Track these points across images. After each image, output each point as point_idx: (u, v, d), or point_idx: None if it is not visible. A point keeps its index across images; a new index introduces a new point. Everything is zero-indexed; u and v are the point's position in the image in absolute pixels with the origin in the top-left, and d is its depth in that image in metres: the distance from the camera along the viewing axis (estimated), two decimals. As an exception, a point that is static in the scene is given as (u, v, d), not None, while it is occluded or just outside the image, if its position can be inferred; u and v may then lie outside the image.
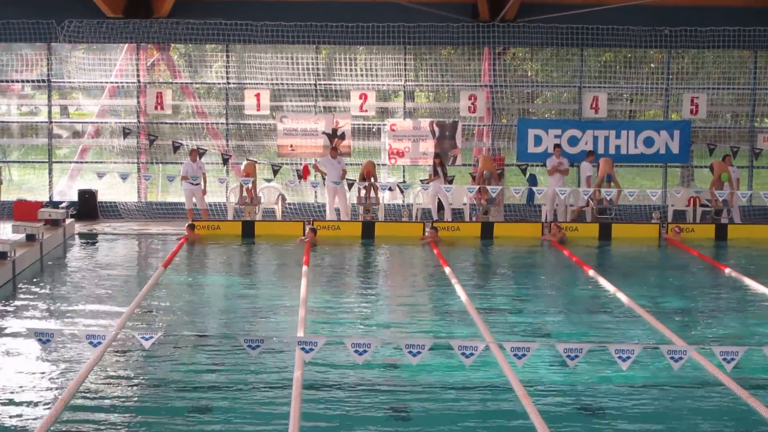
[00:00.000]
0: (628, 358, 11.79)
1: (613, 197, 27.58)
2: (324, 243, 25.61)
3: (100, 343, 13.52)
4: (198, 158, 27.69)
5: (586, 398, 13.42)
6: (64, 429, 12.04)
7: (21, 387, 13.89)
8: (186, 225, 26.22)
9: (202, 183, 27.70)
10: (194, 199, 27.67)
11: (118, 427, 12.31)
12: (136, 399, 13.50)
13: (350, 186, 27.79)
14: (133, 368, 14.77)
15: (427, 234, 26.01)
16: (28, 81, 29.87)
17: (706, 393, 13.49)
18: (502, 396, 13.23)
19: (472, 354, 11.97)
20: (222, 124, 29.77)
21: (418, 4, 28.13)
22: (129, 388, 13.91)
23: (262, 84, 29.30)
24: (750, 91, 30.08)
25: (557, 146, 28.64)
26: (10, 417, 12.49)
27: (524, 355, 12.14)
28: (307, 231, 25.89)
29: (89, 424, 12.28)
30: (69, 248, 25.12)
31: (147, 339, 12.62)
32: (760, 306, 19.06)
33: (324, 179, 28.15)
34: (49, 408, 12.59)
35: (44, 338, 14.22)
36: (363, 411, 12.87)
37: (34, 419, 12.27)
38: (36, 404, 12.99)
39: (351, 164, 28.75)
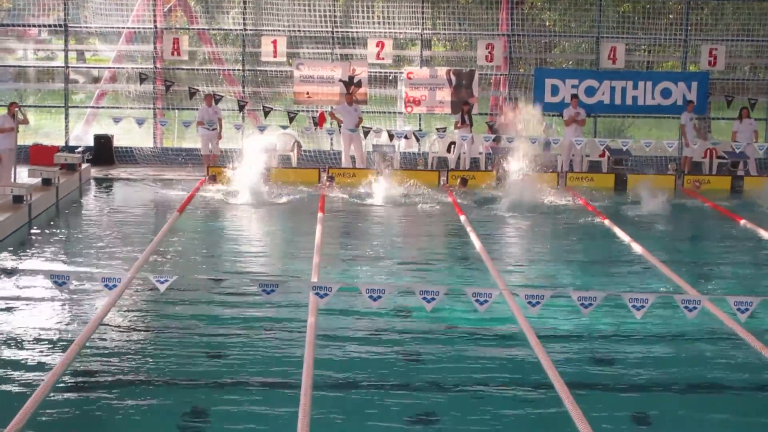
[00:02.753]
0: (642, 307, 11.75)
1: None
2: (340, 190, 25.59)
3: (115, 285, 13.53)
4: (214, 103, 27.65)
5: (598, 346, 13.44)
6: (81, 369, 12.10)
7: (38, 328, 13.95)
8: (207, 177, 26.37)
9: (219, 128, 27.70)
10: (210, 145, 27.69)
11: (133, 369, 12.37)
12: (150, 341, 13.57)
13: (366, 134, 27.72)
14: (148, 311, 14.82)
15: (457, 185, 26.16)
16: (44, 26, 29.81)
17: (719, 343, 13.49)
18: (514, 344, 13.27)
19: (486, 301, 11.94)
20: (238, 70, 29.74)
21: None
22: (144, 331, 13.99)
23: (278, 31, 29.22)
24: (769, 42, 29.96)
25: (574, 96, 28.52)
26: (28, 357, 12.56)
27: (538, 303, 12.11)
28: (324, 179, 25.92)
29: (105, 365, 12.36)
30: (85, 193, 25.16)
31: (162, 282, 12.61)
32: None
33: (340, 126, 28.14)
34: (65, 348, 12.65)
35: (60, 281, 14.24)
36: (375, 356, 12.93)
37: (51, 360, 12.35)
38: (53, 345, 13.06)
39: (367, 112, 28.66)
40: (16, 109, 23.81)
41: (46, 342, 13.23)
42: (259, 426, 10.57)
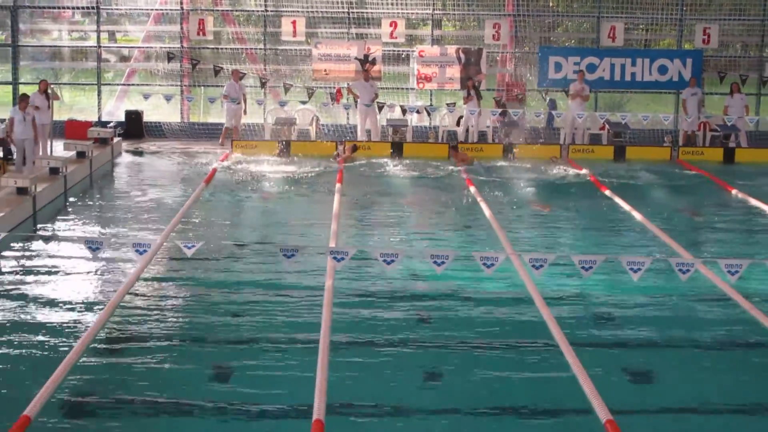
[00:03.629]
0: (639, 269, 11.78)
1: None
2: (357, 161, 25.65)
3: (146, 251, 13.59)
4: (239, 80, 27.75)
5: (598, 307, 13.47)
6: (115, 328, 12.17)
7: (74, 290, 14.04)
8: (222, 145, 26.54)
9: (243, 104, 27.78)
10: (233, 120, 27.77)
11: (162, 328, 12.44)
12: (178, 302, 13.63)
13: (380, 108, 27.73)
14: (176, 275, 14.88)
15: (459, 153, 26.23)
16: (78, 8, 29.84)
17: (711, 304, 13.51)
18: (516, 303, 13.32)
19: (492, 264, 11.97)
20: (260, 49, 29.70)
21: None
22: (172, 293, 14.05)
23: (298, 12, 29.19)
24: (760, 22, 29.83)
25: (581, 72, 28.47)
26: (66, 318, 12.64)
27: (542, 266, 12.15)
28: (342, 148, 25.96)
29: (137, 325, 12.43)
30: (116, 165, 25.21)
31: (189, 247, 12.68)
32: (765, 225, 19.01)
33: (356, 102, 28.17)
34: (101, 309, 12.73)
35: (94, 246, 14.31)
36: (389, 315, 12.98)
37: (87, 319, 12.43)
38: (89, 306, 13.14)
39: (381, 88, 28.63)
40: (50, 87, 23.90)
41: (82, 304, 13.32)
42: (278, 383, 10.62)
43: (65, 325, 12.35)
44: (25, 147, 21.15)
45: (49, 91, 23.99)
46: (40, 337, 11.90)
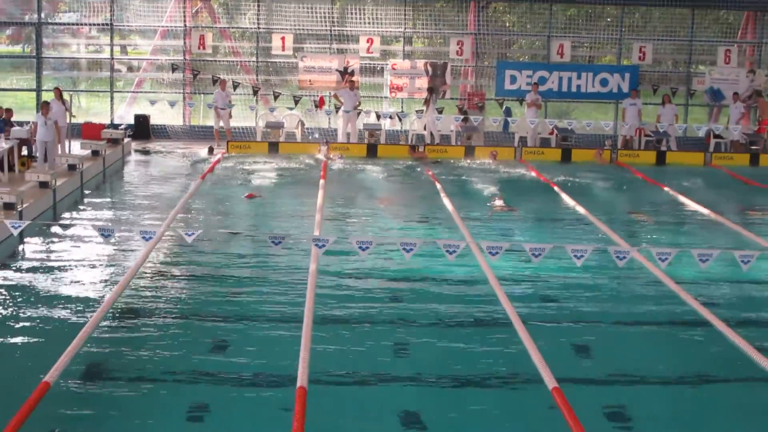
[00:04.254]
0: (582, 256, 11.82)
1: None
2: (337, 159, 25.64)
3: (151, 237, 13.60)
4: (225, 88, 27.77)
5: (546, 288, 13.52)
6: (125, 304, 12.15)
7: (89, 271, 14.02)
8: (209, 148, 26.64)
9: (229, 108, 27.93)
10: (221, 123, 27.82)
11: (166, 305, 12.44)
12: (180, 282, 13.62)
13: (357, 114, 27.74)
14: (178, 259, 14.86)
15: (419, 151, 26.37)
16: (94, 24, 29.67)
17: (644, 286, 13.59)
18: (475, 285, 13.35)
19: (454, 251, 12.01)
20: (253, 61, 29.69)
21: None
22: (174, 275, 14.02)
23: (286, 29, 29.19)
24: (688, 42, 29.94)
25: (535, 83, 28.57)
26: (82, 294, 12.62)
27: (497, 252, 12.18)
28: (325, 148, 25.99)
29: (144, 301, 12.42)
30: (126, 162, 25.12)
31: (189, 235, 12.65)
32: (691, 218, 19.11)
33: (337, 108, 28.19)
34: (113, 287, 12.72)
35: (106, 233, 14.28)
36: (364, 295, 13.01)
37: (101, 296, 12.41)
38: (103, 284, 13.13)
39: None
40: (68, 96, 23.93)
41: (96, 282, 13.31)
42: (269, 350, 10.65)
43: (81, 300, 12.33)
44: (46, 148, 21.15)
45: (65, 96, 23.96)
46: (59, 311, 11.89)
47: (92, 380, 9.75)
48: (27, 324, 11.52)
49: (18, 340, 10.96)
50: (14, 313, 11.95)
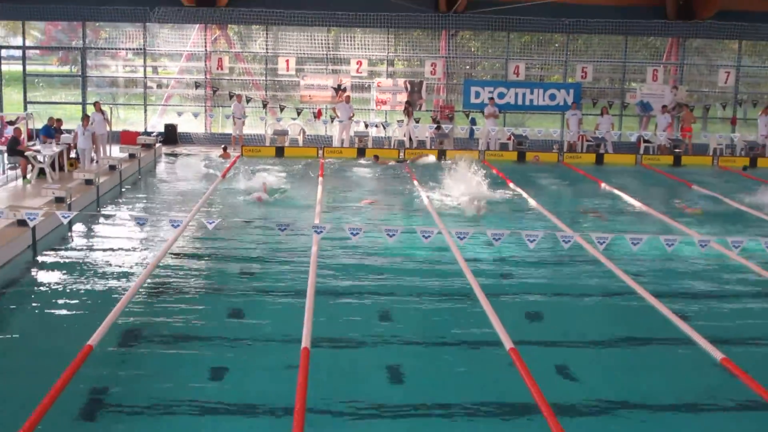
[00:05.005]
0: (534, 240, 11.87)
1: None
2: (332, 161, 25.62)
3: (178, 225, 13.57)
4: (241, 101, 27.80)
5: (504, 267, 13.58)
6: (155, 280, 12.14)
7: (127, 252, 14.01)
8: (223, 148, 26.74)
9: (244, 118, 27.97)
10: (238, 131, 27.83)
11: (191, 280, 12.45)
12: (203, 263, 13.64)
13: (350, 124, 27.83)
14: (201, 244, 14.85)
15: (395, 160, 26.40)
16: (130, 49, 29.57)
17: (584, 265, 13.65)
18: (446, 264, 13.39)
19: (429, 236, 12.04)
20: (262, 80, 29.62)
21: (400, 1, 27.90)
22: (198, 256, 14.04)
23: (290, 53, 29.15)
24: (622, 63, 30.02)
25: (491, 98, 28.59)
26: (120, 271, 12.61)
27: (464, 237, 12.23)
28: (321, 152, 26.02)
29: (172, 278, 12.41)
30: (158, 164, 25.05)
31: (210, 223, 12.64)
32: (626, 208, 19.20)
33: (332, 119, 28.27)
34: (147, 265, 12.71)
35: (141, 222, 14.27)
36: (356, 272, 13.03)
37: (136, 273, 12.41)
38: (138, 263, 13.12)
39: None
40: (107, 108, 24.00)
41: (132, 261, 13.29)
42: (278, 317, 10.68)
43: (120, 276, 12.33)
44: (85, 153, 21.20)
45: (105, 108, 23.97)
46: (101, 286, 11.90)
47: (128, 344, 9.76)
48: (74, 296, 11.52)
49: (65, 310, 10.96)
50: (63, 288, 11.95)
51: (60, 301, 11.33)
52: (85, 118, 21.58)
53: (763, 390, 8.48)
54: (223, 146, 26.99)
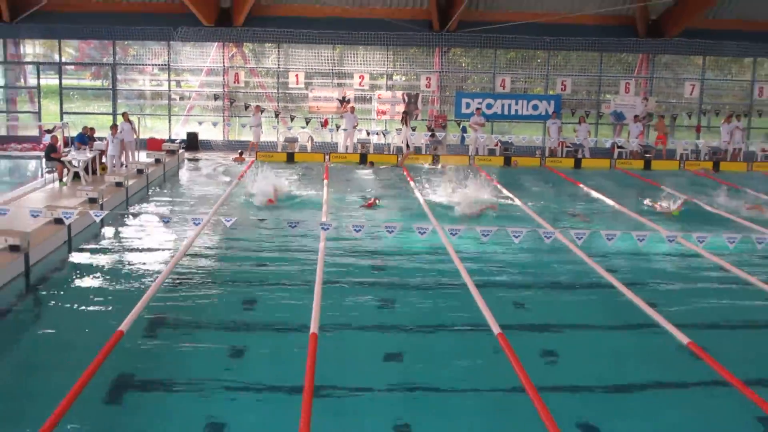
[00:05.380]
0: (519, 236, 11.89)
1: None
2: (337, 165, 25.62)
3: (199, 223, 13.60)
4: (259, 112, 27.81)
5: (492, 261, 13.56)
6: (178, 273, 12.15)
7: (153, 247, 14.02)
8: (240, 153, 26.76)
9: (261, 127, 27.89)
10: (255, 138, 27.85)
11: (211, 272, 12.46)
12: (221, 257, 13.62)
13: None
14: (219, 240, 14.85)
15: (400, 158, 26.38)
16: (155, 65, 29.51)
17: (563, 258, 13.64)
18: (439, 258, 13.40)
19: (425, 232, 12.05)
20: (275, 92, 29.60)
21: (396, 20, 27.88)
22: (217, 250, 14.04)
23: (299, 68, 29.13)
24: (597, 77, 29.99)
25: (478, 109, 28.60)
26: (148, 263, 12.62)
27: (456, 233, 12.24)
28: (327, 158, 26.00)
29: (194, 269, 12.42)
30: (181, 167, 25.01)
31: (228, 221, 12.65)
32: (601, 208, 19.19)
33: (337, 127, 28.28)
34: (170, 259, 12.72)
35: (166, 220, 14.28)
36: (359, 264, 13.05)
37: (162, 265, 12.42)
38: (163, 257, 13.12)
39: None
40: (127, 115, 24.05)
41: (159, 255, 13.31)
42: (289, 305, 10.70)
43: (147, 269, 12.36)
44: (113, 159, 21.28)
45: (133, 118, 24.01)
46: (130, 277, 11.93)
47: (155, 329, 9.78)
48: (106, 287, 11.55)
49: (98, 299, 10.98)
50: (95, 279, 11.97)
51: (93, 291, 11.36)
52: (113, 127, 21.58)
53: (724, 370, 8.51)
54: (239, 151, 27.01)
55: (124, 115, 23.93)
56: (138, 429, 7.17)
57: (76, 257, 13.39)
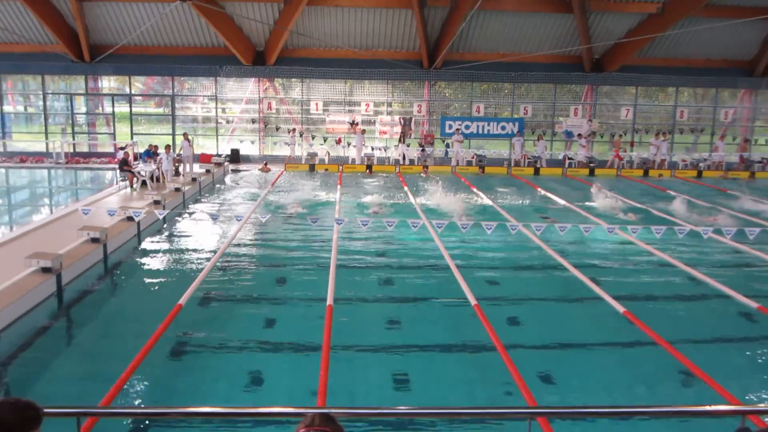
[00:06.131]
0: (491, 228, 11.89)
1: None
2: (349, 173, 25.58)
3: (241, 219, 13.58)
4: (294, 134, 27.83)
5: (469, 247, 13.55)
6: (224, 259, 12.16)
7: (205, 237, 14.00)
8: (265, 164, 26.49)
9: (294, 146, 27.92)
10: (290, 153, 27.85)
11: (250, 258, 12.44)
12: (257, 246, 13.62)
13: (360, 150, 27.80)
14: (256, 232, 14.86)
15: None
16: (205, 95, 29.49)
17: (528, 250, 13.62)
18: (428, 246, 13.39)
19: (417, 225, 12.05)
20: (300, 116, 29.55)
21: (394, 60, 27.83)
22: (254, 241, 14.02)
23: (318, 98, 29.07)
24: (552, 104, 29.92)
25: (458, 129, 28.58)
26: (202, 250, 12.61)
27: (441, 226, 12.23)
28: (341, 168, 25.89)
29: (237, 256, 12.42)
30: (226, 176, 24.99)
31: (264, 217, 12.66)
32: (554, 205, 19.16)
33: (348, 144, 28.24)
34: (218, 248, 12.72)
35: (214, 216, 14.27)
36: (365, 251, 13.04)
37: (212, 252, 12.41)
38: (213, 245, 13.12)
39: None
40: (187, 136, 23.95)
41: (209, 244, 13.31)
42: (310, 283, 10.70)
43: (200, 255, 12.35)
44: (167, 172, 21.20)
45: (189, 137, 23.99)
46: (187, 262, 11.93)
47: (206, 303, 9.79)
48: (168, 270, 11.56)
49: (162, 279, 11.00)
50: (159, 264, 11.98)
51: (158, 274, 11.38)
52: (167, 147, 21.48)
53: (653, 333, 8.52)
54: (264, 162, 26.92)
55: (184, 135, 23.83)
56: (194, 381, 7.21)
57: (143, 247, 13.41)
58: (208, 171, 23.12)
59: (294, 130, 28.04)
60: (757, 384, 7.43)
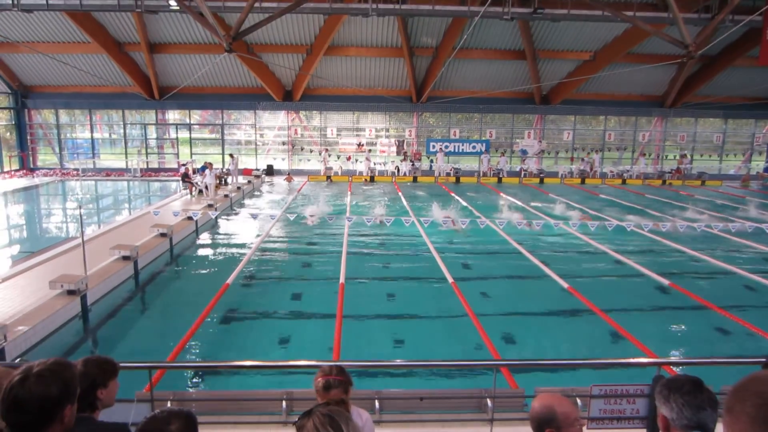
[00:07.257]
0: (465, 223, 11.81)
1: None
2: (359, 183, 25.44)
3: (274, 217, 13.49)
4: (326, 152, 27.66)
5: (447, 238, 13.47)
6: (261, 249, 12.09)
7: (246, 232, 13.90)
8: (288, 175, 26.21)
9: (325, 162, 27.69)
10: (323, 167, 27.64)
11: (280, 247, 12.36)
12: (286, 239, 13.51)
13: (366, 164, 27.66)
14: (285, 228, 14.77)
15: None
16: (247, 124, 29.37)
17: (495, 240, 13.53)
18: (418, 240, 13.33)
19: (408, 222, 11.97)
20: (319, 139, 29.43)
21: (390, 96, 27.72)
22: (284, 236, 13.92)
23: (333, 125, 28.94)
24: (511, 128, 29.80)
25: (441, 149, 28.48)
26: (244, 243, 12.53)
27: (427, 222, 12.16)
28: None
29: (272, 248, 12.34)
30: (263, 185, 24.90)
31: (291, 217, 12.56)
32: (512, 206, 19.07)
33: (356, 160, 28.09)
34: (256, 240, 12.63)
35: (254, 216, 14.15)
36: (369, 242, 12.94)
37: (252, 244, 12.32)
38: (252, 238, 13.03)
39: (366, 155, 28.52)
40: (233, 156, 23.76)
41: (249, 238, 13.21)
42: (327, 266, 10.63)
43: (242, 246, 12.26)
44: (210, 186, 20.63)
45: (234, 156, 23.81)
46: (233, 251, 11.85)
47: (248, 282, 9.73)
48: (219, 257, 11.49)
49: (213, 264, 10.93)
50: (212, 252, 11.91)
51: (210, 260, 11.31)
52: (209, 164, 20.97)
53: (590, 304, 8.47)
54: (288, 174, 26.72)
55: (230, 155, 23.72)
56: (239, 342, 7.17)
57: (200, 240, 13.35)
58: (249, 181, 23.00)
59: (326, 149, 27.91)
60: (670, 342, 7.39)
